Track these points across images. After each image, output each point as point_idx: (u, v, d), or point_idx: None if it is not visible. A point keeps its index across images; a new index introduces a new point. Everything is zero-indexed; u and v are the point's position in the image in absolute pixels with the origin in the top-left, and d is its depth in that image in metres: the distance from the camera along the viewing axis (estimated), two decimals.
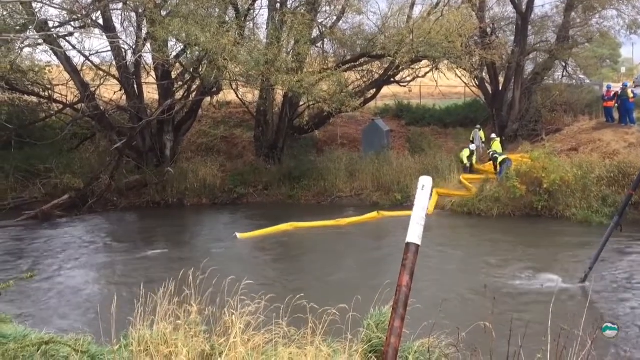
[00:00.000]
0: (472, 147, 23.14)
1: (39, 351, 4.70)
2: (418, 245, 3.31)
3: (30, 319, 9.97)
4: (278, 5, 22.42)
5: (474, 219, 19.26)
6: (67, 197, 20.41)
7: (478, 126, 25.67)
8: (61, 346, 4.81)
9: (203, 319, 5.59)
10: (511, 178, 19.07)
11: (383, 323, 5.80)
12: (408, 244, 3.31)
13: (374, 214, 19.25)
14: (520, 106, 26.63)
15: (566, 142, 23.41)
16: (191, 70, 21.91)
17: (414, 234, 3.31)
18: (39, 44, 20.13)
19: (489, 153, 22.09)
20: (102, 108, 22.44)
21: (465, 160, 22.34)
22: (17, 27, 18.08)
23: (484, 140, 24.98)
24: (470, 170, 22.27)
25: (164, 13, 19.50)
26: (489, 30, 26.61)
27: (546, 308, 4.79)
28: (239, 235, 16.95)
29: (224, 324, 5.31)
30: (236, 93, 25.24)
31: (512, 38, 27.26)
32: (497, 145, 22.57)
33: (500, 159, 20.69)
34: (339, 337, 5.71)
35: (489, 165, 21.96)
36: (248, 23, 22.40)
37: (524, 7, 25.88)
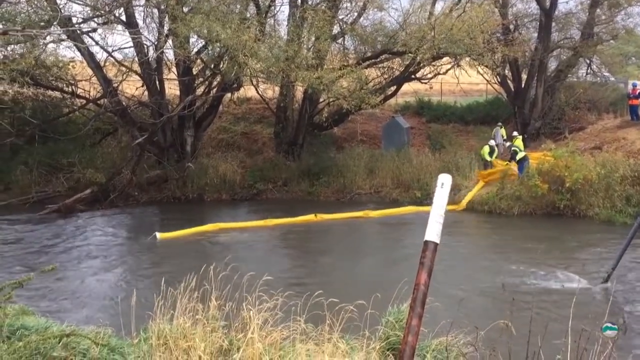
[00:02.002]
0: (492, 142, 22.80)
1: (60, 343, 4.76)
2: (437, 244, 3.28)
3: (52, 311, 10.12)
4: (299, 1, 22.42)
5: (495, 217, 19.09)
6: (89, 192, 20.65)
7: (499, 124, 25.40)
8: (82, 339, 4.87)
9: (222, 315, 5.63)
10: (533, 176, 18.86)
11: (401, 321, 5.79)
12: (426, 242, 3.28)
13: (310, 217, 18.54)
14: (543, 104, 26.34)
15: (590, 140, 23.09)
16: (212, 66, 22.02)
17: (433, 232, 3.28)
18: (63, 40, 20.38)
19: (508, 146, 21.82)
20: (124, 103, 22.66)
21: (487, 157, 22.07)
22: (42, 23, 18.30)
23: (505, 137, 24.74)
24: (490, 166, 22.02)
25: (185, 9, 19.62)
26: (511, 26, 26.35)
27: (567, 308, 4.73)
28: (159, 235, 16.37)
29: (242, 319, 5.34)
30: (256, 89, 25.32)
31: (535, 35, 26.95)
32: (519, 143, 22.33)
33: (520, 155, 20.47)
34: (356, 334, 5.71)
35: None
36: (269, 19, 22.47)
37: (547, 3, 25.55)
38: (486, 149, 22.30)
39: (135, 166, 21.49)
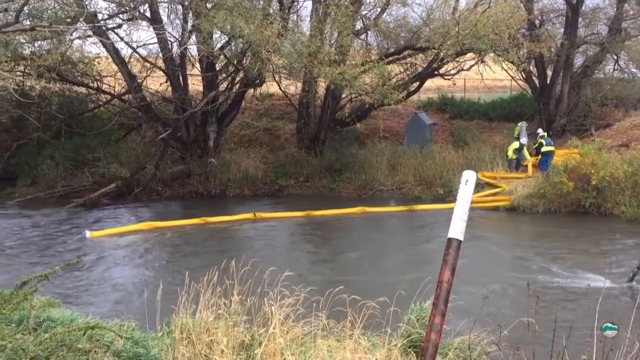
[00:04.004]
0: (524, 140, 22.25)
1: (85, 335, 4.83)
2: (460, 241, 3.25)
3: (76, 303, 10.28)
4: None
5: (518, 215, 18.89)
6: (113, 186, 20.92)
7: (524, 122, 24.83)
8: (106, 331, 4.94)
9: (244, 309, 5.66)
10: (558, 173, 18.60)
11: (423, 319, 5.77)
12: (450, 239, 3.25)
13: (249, 215, 18.34)
14: (568, 100, 25.98)
15: (617, 137, 22.75)
16: (235, 62, 22.10)
17: (457, 229, 3.25)
18: (89, 36, 20.60)
19: (538, 135, 21.49)
20: (148, 99, 22.85)
21: (511, 153, 21.66)
22: (68, 20, 18.55)
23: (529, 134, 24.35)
24: (517, 166, 21.65)
25: (209, 5, 19.70)
26: (537, 22, 25.99)
27: (592, 308, 4.66)
28: (89, 233, 16.03)
29: (263, 314, 5.36)
30: (279, 85, 25.35)
31: (562, 30, 26.56)
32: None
33: (545, 149, 20.18)
34: (378, 331, 5.70)
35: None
36: (292, 15, 22.45)
37: None
38: (514, 145, 21.75)
39: (158, 161, 21.70)
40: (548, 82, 26.71)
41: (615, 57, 27.80)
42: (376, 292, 5.90)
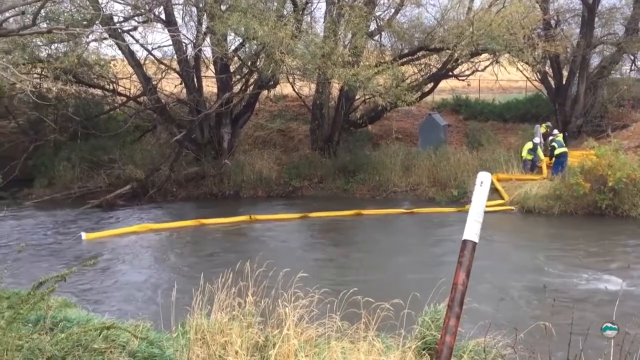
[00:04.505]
0: (536, 140, 22.02)
1: (101, 336, 4.87)
2: (475, 243, 3.24)
3: (92, 304, 10.35)
4: None
5: (534, 217, 18.75)
6: (129, 187, 21.06)
7: (548, 123, 24.50)
8: (121, 331, 4.97)
9: (258, 311, 5.67)
10: (574, 174, 18.43)
11: (438, 321, 5.75)
12: (465, 241, 3.24)
13: (245, 217, 18.39)
14: (584, 101, 25.75)
15: (634, 138, 22.49)
16: (249, 63, 22.17)
17: (471, 231, 3.24)
18: (105, 39, 20.80)
19: (550, 140, 21.35)
20: (163, 101, 23.01)
21: (525, 154, 21.45)
22: (84, 22, 18.72)
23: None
24: (532, 167, 21.48)
25: (223, 7, 19.80)
26: (553, 22, 25.80)
27: (608, 311, 4.61)
28: (84, 235, 16.08)
29: (277, 316, 5.37)
30: (292, 86, 25.39)
31: (578, 30, 26.34)
32: (559, 139, 21.78)
33: (558, 151, 20.00)
34: (392, 333, 5.68)
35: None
36: (305, 16, 22.47)
37: None
38: (528, 145, 21.58)
39: (173, 163, 21.82)
40: (564, 82, 26.50)
41: (632, 58, 27.55)
42: (389, 293, 5.88)
